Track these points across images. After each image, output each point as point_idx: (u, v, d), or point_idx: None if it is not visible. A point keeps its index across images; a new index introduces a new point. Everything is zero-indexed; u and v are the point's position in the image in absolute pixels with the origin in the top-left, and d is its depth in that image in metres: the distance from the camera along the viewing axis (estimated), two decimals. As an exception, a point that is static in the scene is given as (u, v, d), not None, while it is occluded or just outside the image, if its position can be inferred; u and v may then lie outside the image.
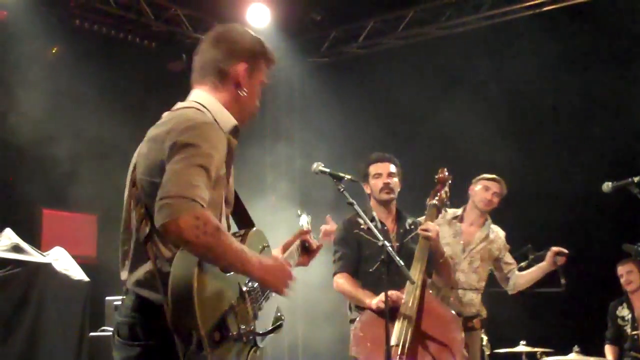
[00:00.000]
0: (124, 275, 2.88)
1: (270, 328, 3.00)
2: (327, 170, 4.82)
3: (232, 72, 2.99)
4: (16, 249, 5.87)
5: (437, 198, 5.47)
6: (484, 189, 6.11)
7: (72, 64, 8.00)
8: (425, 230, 5.17)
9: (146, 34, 9.01)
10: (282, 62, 10.12)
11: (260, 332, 2.92)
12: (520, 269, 6.48)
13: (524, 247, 6.89)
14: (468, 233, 6.06)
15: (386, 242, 4.46)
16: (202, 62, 3.04)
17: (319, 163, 4.92)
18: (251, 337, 2.86)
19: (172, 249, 2.70)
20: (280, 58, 10.41)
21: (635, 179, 5.59)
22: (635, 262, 7.15)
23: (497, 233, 6.21)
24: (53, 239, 7.34)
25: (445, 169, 5.65)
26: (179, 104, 2.97)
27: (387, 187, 5.34)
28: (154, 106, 8.70)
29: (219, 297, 2.72)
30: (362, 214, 4.72)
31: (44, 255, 6.05)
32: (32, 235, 7.31)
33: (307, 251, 3.57)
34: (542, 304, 7.72)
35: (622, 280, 7.24)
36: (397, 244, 5.30)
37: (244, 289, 2.85)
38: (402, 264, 4.56)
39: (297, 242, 3.52)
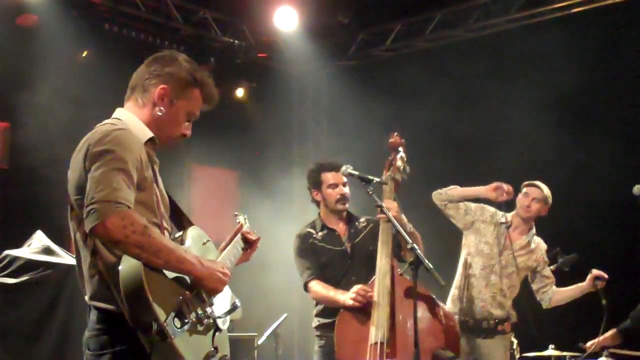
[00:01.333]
0: (87, 297, 2.96)
1: (227, 310, 3.15)
2: (356, 172, 4.84)
3: (151, 91, 3.12)
4: (47, 251, 5.92)
5: (391, 169, 5.18)
6: (523, 195, 6.06)
7: (102, 68, 8.05)
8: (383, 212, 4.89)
9: (174, 37, 9.06)
10: (310, 65, 10.15)
11: (219, 314, 3.06)
12: (551, 272, 6.46)
13: (553, 250, 6.86)
14: (511, 238, 6.00)
15: (415, 246, 4.43)
16: (134, 79, 3.23)
17: (348, 166, 4.95)
18: (211, 321, 3.00)
19: (117, 255, 2.81)
20: (307, 61, 10.46)
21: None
22: None
23: (539, 245, 6.16)
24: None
25: (396, 133, 5.44)
26: (100, 123, 3.06)
27: (343, 198, 5.28)
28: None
29: (170, 289, 2.84)
30: (390, 216, 4.71)
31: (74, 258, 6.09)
32: (63, 237, 7.36)
33: (248, 245, 3.71)
34: (572, 307, 7.66)
35: None
36: (350, 245, 5.29)
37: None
38: (432, 266, 4.53)
39: (238, 237, 3.67)
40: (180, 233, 3.21)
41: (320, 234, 5.30)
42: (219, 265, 3.07)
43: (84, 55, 8.23)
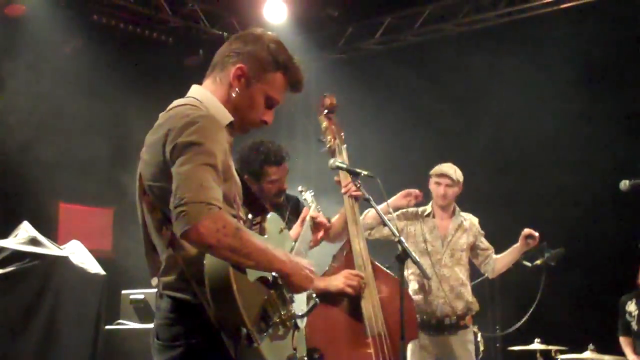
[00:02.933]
0: (154, 282, 2.87)
1: (307, 308, 3.03)
2: (344, 165, 4.81)
3: (229, 69, 2.93)
4: (33, 242, 5.90)
5: (329, 138, 5.00)
6: (435, 185, 6.08)
7: (90, 59, 8.04)
8: (346, 186, 4.73)
9: (163, 29, 9.04)
10: (298, 58, 10.12)
11: (299, 314, 2.96)
12: (537, 267, 6.50)
13: (539, 245, 6.89)
14: (442, 227, 6.04)
15: (402, 238, 4.44)
16: (215, 57, 3.03)
17: (336, 159, 4.91)
18: (293, 321, 2.89)
19: (192, 250, 2.70)
20: (295, 54, 10.39)
21: (654, 178, 5.57)
22: None
23: (471, 220, 6.19)
24: (70, 233, 7.38)
25: (326, 95, 5.22)
26: (175, 102, 2.93)
27: (280, 193, 4.82)
28: (172, 102, 8.78)
29: (256, 289, 2.73)
30: (378, 210, 4.71)
31: (61, 249, 6.07)
32: (49, 228, 7.35)
33: (317, 229, 3.64)
34: (557, 302, 7.70)
35: None
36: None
37: (275, 275, 2.84)
38: (418, 259, 4.53)
39: (307, 223, 3.58)
40: (258, 219, 3.05)
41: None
42: (305, 262, 2.92)
43: (71, 46, 8.19)
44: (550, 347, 6.83)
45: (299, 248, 3.31)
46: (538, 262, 6.83)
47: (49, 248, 5.93)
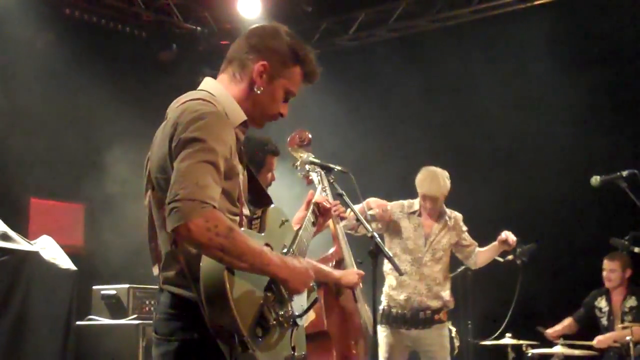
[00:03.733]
0: (155, 271, 2.87)
1: (307, 306, 2.99)
2: (317, 160, 4.82)
3: (250, 66, 2.92)
4: (3, 237, 5.84)
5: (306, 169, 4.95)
6: (422, 200, 6.08)
7: (62, 53, 7.97)
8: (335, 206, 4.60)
9: (137, 23, 8.98)
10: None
11: (298, 313, 2.92)
12: (508, 262, 6.56)
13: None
14: (427, 225, 6.07)
15: (375, 234, 4.45)
16: (231, 51, 3.00)
17: (309, 154, 4.91)
18: (291, 321, 2.87)
19: (191, 248, 2.69)
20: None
21: (624, 173, 5.62)
22: (621, 261, 7.17)
23: (455, 218, 6.22)
24: (40, 228, 7.31)
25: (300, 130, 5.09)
26: (187, 95, 2.89)
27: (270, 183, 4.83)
28: (145, 96, 8.76)
29: (251, 291, 2.70)
30: (351, 205, 4.72)
31: (32, 244, 6.02)
32: (20, 223, 7.29)
33: (320, 214, 3.63)
34: (529, 297, 7.75)
35: (604, 274, 7.28)
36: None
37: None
38: (391, 255, 4.56)
39: (308, 214, 3.56)
40: (259, 213, 3.01)
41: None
42: (304, 263, 2.91)
43: (44, 40, 8.11)
44: (521, 342, 6.88)
45: (302, 237, 3.27)
46: (510, 257, 6.87)
47: (19, 243, 5.88)
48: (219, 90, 2.91)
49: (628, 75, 8.05)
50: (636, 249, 6.47)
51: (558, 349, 6.74)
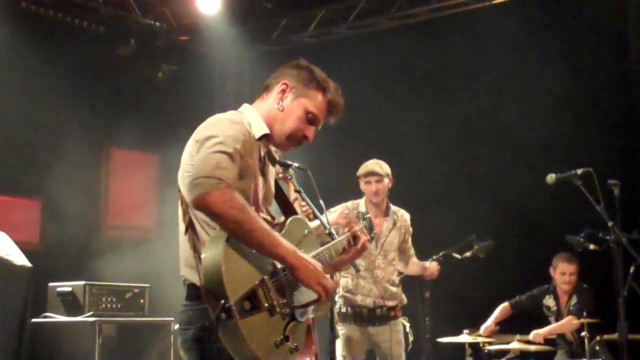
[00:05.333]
0: (181, 271, 3.15)
1: (309, 301, 3.03)
2: (277, 157, 4.80)
3: (274, 88, 3.27)
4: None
5: None
6: (366, 185, 6.10)
7: (18, 48, 7.85)
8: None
9: (94, 17, 8.87)
10: (232, 50, 10.08)
11: (296, 304, 3.00)
12: (465, 259, 6.61)
13: (468, 237, 6.99)
14: (377, 225, 6.04)
15: (332, 230, 4.45)
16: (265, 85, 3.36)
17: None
18: (287, 310, 2.96)
19: (208, 233, 2.99)
20: (229, 45, 10.27)
21: (579, 171, 5.68)
22: (577, 264, 7.24)
23: (403, 216, 6.24)
24: (-5, 224, 7.23)
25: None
26: None
27: None
28: (102, 91, 8.68)
29: (249, 271, 2.89)
30: (308, 201, 4.71)
31: (-14, 241, 5.95)
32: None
33: (355, 244, 3.61)
34: (486, 295, 7.82)
35: (562, 277, 7.27)
36: None
37: (279, 265, 2.97)
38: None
39: (345, 236, 3.59)
40: (281, 220, 3.29)
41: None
42: (314, 261, 3.02)
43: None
44: (478, 339, 6.93)
45: (324, 252, 3.33)
46: (467, 254, 6.93)
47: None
48: (248, 109, 3.28)
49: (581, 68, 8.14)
50: (591, 246, 6.55)
51: (514, 345, 6.80)
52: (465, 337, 6.86)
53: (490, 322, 7.23)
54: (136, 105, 8.86)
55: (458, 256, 6.92)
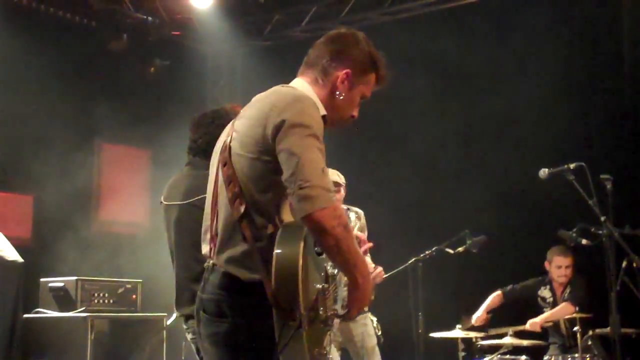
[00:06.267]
0: (205, 249, 2.94)
1: (341, 313, 3.02)
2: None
3: (333, 74, 3.06)
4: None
5: None
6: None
7: (10, 42, 7.83)
8: None
9: (86, 12, 8.84)
10: (224, 44, 10.06)
11: (341, 314, 2.99)
12: (458, 254, 6.61)
13: (461, 232, 6.99)
14: None
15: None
16: (312, 56, 3.14)
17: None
18: (332, 321, 2.93)
19: (268, 227, 2.77)
20: (221, 40, 10.25)
21: (571, 166, 5.69)
22: (572, 256, 7.25)
23: (357, 213, 6.23)
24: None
25: None
26: (277, 86, 3.02)
27: None
28: (94, 86, 8.65)
29: (313, 278, 2.80)
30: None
31: (-23, 236, 5.93)
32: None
33: None
34: (478, 290, 7.82)
35: (558, 271, 7.30)
36: None
37: (330, 272, 2.96)
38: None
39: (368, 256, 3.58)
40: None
41: None
42: (371, 283, 3.00)
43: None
44: (470, 334, 6.94)
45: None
46: (460, 249, 6.93)
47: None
48: (306, 87, 3.04)
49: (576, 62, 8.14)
50: (584, 241, 6.55)
51: (507, 340, 6.81)
52: (457, 332, 6.86)
53: (481, 311, 7.25)
54: (128, 101, 8.83)
55: (451, 251, 6.92)
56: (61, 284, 6.34)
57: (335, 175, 6.02)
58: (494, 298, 7.40)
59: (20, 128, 7.91)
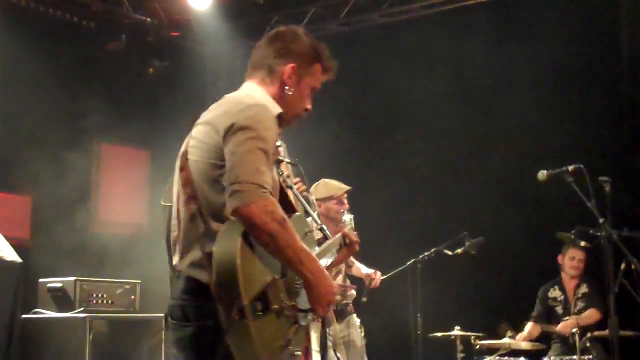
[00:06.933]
0: (175, 260, 2.99)
1: (309, 308, 2.99)
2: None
3: (279, 71, 3.13)
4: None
5: None
6: (338, 204, 6.06)
7: (9, 44, 7.82)
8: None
9: (85, 13, 8.84)
10: (223, 46, 10.06)
11: (302, 308, 2.95)
12: (457, 256, 6.61)
13: (460, 234, 6.99)
14: (333, 233, 6.03)
15: (324, 227, 4.46)
16: (257, 58, 3.22)
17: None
18: (292, 313, 2.91)
19: (218, 226, 2.81)
20: (220, 41, 10.24)
21: (570, 168, 5.69)
22: (585, 252, 7.26)
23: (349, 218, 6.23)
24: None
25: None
26: (229, 95, 3.12)
27: None
28: (94, 87, 8.63)
29: (261, 270, 2.80)
30: (300, 197, 4.72)
31: (-24, 237, 5.93)
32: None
33: (346, 245, 3.66)
34: (477, 292, 7.83)
35: (572, 263, 7.33)
36: None
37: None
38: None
39: (336, 238, 3.63)
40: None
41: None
42: (332, 282, 2.97)
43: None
44: (469, 334, 6.94)
45: (321, 259, 3.29)
46: (459, 251, 6.94)
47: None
48: (257, 90, 3.12)
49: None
50: (582, 243, 6.56)
51: (506, 341, 6.81)
52: (456, 333, 6.87)
53: (524, 335, 7.26)
54: (127, 102, 8.83)
55: (449, 253, 6.93)
56: (60, 285, 6.34)
57: (333, 185, 6.03)
58: (530, 330, 7.40)
59: (19, 129, 7.91)
